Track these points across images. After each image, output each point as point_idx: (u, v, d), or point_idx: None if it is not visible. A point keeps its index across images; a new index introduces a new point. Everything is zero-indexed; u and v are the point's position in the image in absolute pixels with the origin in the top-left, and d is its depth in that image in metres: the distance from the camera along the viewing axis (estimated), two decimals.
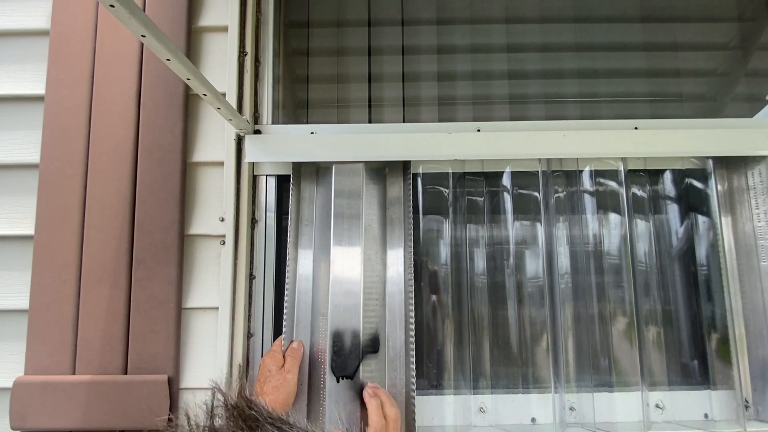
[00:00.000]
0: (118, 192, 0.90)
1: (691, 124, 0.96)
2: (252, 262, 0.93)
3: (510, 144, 0.92)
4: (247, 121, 0.92)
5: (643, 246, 0.98)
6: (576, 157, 0.98)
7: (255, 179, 0.96)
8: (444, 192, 0.99)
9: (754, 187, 0.96)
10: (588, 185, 0.99)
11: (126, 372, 0.85)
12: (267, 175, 0.96)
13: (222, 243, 0.90)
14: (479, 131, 0.94)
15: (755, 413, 0.90)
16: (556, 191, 0.99)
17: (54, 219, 0.89)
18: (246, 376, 0.88)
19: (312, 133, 0.95)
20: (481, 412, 0.90)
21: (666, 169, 1.01)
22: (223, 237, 0.90)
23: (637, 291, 0.94)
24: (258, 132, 0.95)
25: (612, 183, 0.98)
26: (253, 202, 0.95)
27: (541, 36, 1.27)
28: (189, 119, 0.93)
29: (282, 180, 0.97)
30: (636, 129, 0.94)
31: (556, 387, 0.91)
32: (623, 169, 0.97)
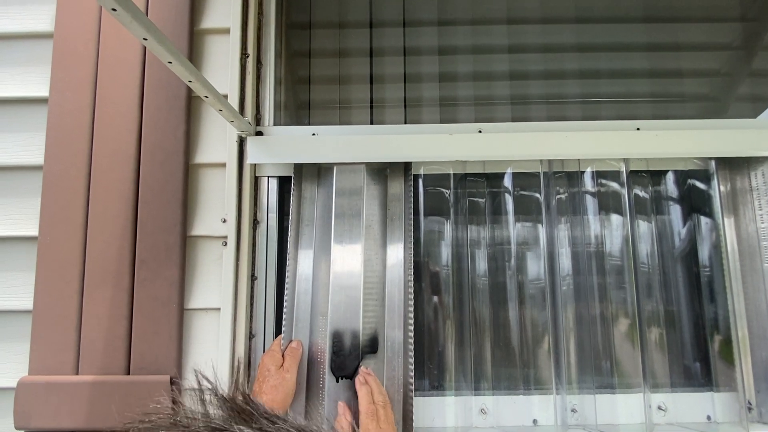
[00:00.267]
0: (120, 193, 0.90)
1: (694, 124, 0.95)
2: (254, 263, 0.93)
3: (511, 145, 0.92)
4: (249, 123, 0.92)
5: (646, 247, 0.98)
6: (577, 158, 0.98)
7: (257, 180, 0.96)
8: (445, 193, 0.99)
9: (757, 188, 0.95)
10: (590, 186, 0.99)
11: (129, 372, 0.86)
12: (269, 177, 0.97)
13: (224, 244, 0.90)
14: (480, 132, 0.94)
15: (758, 415, 0.89)
16: (557, 192, 0.99)
17: (57, 220, 0.90)
18: (248, 376, 0.89)
19: (313, 135, 0.95)
20: (482, 413, 0.90)
21: (668, 170, 1.01)
22: (225, 238, 0.90)
23: (639, 292, 0.94)
24: (260, 133, 0.96)
25: (614, 184, 0.98)
26: (255, 203, 0.95)
27: (543, 36, 1.27)
28: (191, 121, 0.94)
29: (284, 181, 0.97)
30: (638, 130, 0.94)
31: (557, 388, 0.91)
32: (625, 170, 0.97)
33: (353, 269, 0.88)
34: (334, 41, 1.26)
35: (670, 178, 1.02)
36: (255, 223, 0.95)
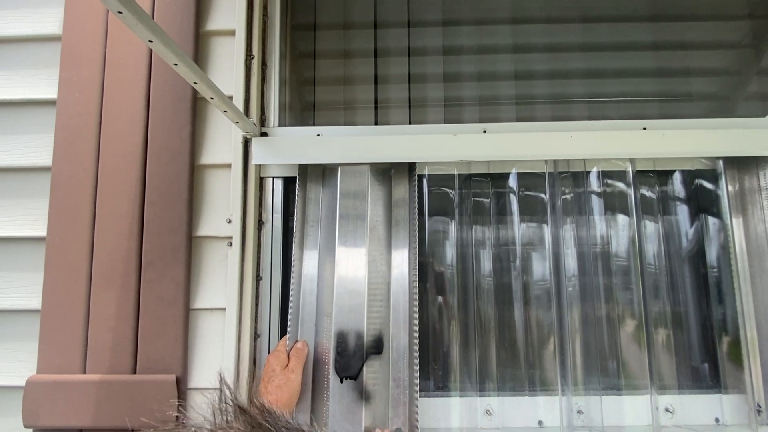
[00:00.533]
0: (127, 194, 0.91)
1: (701, 124, 0.94)
2: (259, 263, 0.94)
3: (516, 145, 0.92)
4: (254, 124, 0.93)
5: (652, 248, 0.97)
6: (583, 158, 0.97)
7: (262, 181, 0.97)
8: (450, 193, 0.99)
9: (766, 188, 0.94)
10: (595, 186, 0.98)
11: (135, 372, 0.87)
12: (273, 177, 0.97)
13: (229, 245, 0.91)
14: (485, 132, 0.94)
15: None
16: (563, 192, 0.98)
17: (65, 221, 0.91)
18: (253, 376, 0.89)
19: (318, 135, 0.95)
20: (488, 414, 0.89)
21: (675, 170, 1.00)
22: (230, 239, 0.91)
23: (646, 293, 0.93)
24: (265, 134, 0.96)
25: (620, 184, 0.97)
26: (260, 203, 0.96)
27: (548, 36, 1.26)
28: (197, 122, 0.95)
29: (288, 182, 0.98)
30: (644, 129, 0.93)
31: (563, 390, 0.90)
32: (631, 170, 0.96)
33: (358, 270, 0.88)
34: (338, 42, 1.26)
35: (677, 178, 1.01)
36: (260, 224, 0.95)
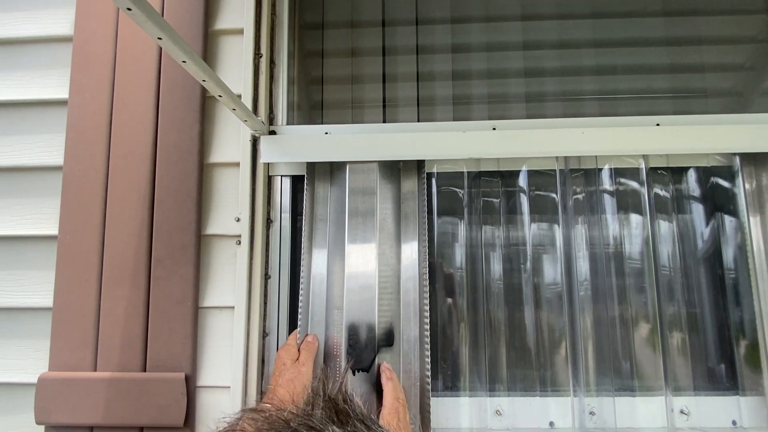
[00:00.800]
0: (137, 193, 0.91)
1: (717, 119, 0.92)
2: (267, 261, 0.94)
3: (526, 142, 0.91)
4: (262, 122, 0.93)
5: (667, 248, 0.95)
6: (595, 155, 0.95)
7: (270, 180, 0.97)
8: (459, 192, 0.98)
9: None
10: (608, 185, 0.96)
11: (145, 369, 0.87)
12: (282, 176, 0.97)
13: (238, 243, 0.91)
14: (495, 129, 0.93)
15: None
16: (574, 192, 0.97)
17: (76, 219, 0.92)
18: (261, 375, 0.89)
19: (326, 134, 0.95)
20: (498, 415, 0.88)
21: (690, 167, 0.98)
22: (239, 237, 0.91)
23: (660, 294, 0.91)
24: (273, 133, 0.96)
25: (633, 182, 0.95)
26: (269, 202, 0.96)
27: (559, 32, 1.24)
28: (206, 121, 0.95)
29: (297, 180, 0.98)
30: (658, 125, 0.91)
31: (575, 390, 0.89)
32: (645, 167, 0.95)
33: (368, 263, 0.88)
34: (346, 41, 1.26)
35: (691, 175, 0.99)
36: (268, 222, 0.95)
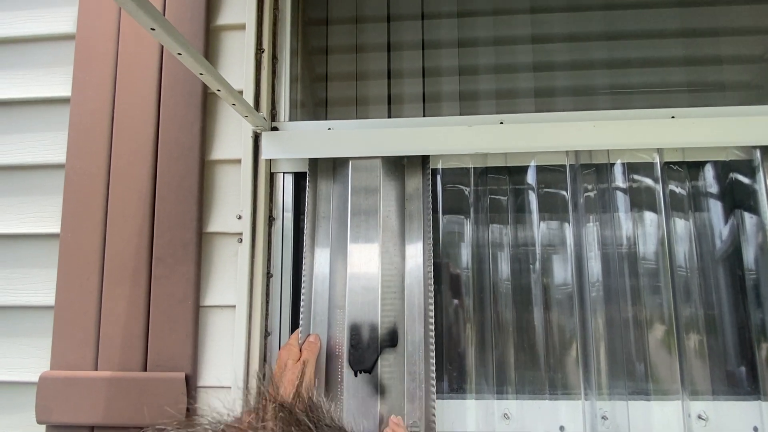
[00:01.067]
0: (138, 190, 0.91)
1: (735, 111, 0.88)
2: (269, 260, 0.92)
3: (535, 136, 0.88)
4: (264, 118, 0.91)
5: (683, 248, 0.91)
6: (607, 149, 0.92)
7: (272, 177, 0.95)
8: (465, 190, 0.95)
9: None
10: (620, 181, 0.93)
11: (146, 369, 0.86)
12: (284, 173, 0.95)
13: (239, 241, 0.89)
14: (502, 123, 0.90)
15: None
16: (585, 189, 0.93)
17: (78, 217, 0.91)
18: (263, 375, 0.87)
19: (329, 129, 0.93)
20: (505, 418, 0.85)
21: (707, 162, 0.94)
22: (241, 235, 0.89)
23: (677, 295, 0.88)
24: (275, 129, 0.95)
25: (647, 179, 0.92)
26: (271, 199, 0.94)
27: (569, 25, 1.21)
28: (207, 118, 0.94)
29: (299, 177, 0.96)
30: (673, 118, 0.88)
31: (586, 394, 0.86)
32: (659, 163, 0.91)
33: (371, 261, 0.86)
34: (351, 36, 1.24)
35: (709, 171, 0.94)
36: (270, 220, 0.93)
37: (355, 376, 0.82)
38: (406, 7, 1.24)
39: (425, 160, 0.92)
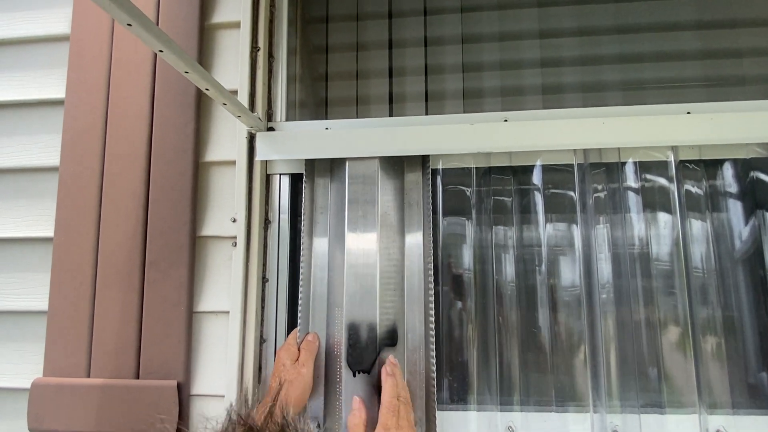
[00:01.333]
0: (132, 193, 0.89)
1: (756, 105, 0.83)
2: (265, 264, 0.89)
3: (541, 134, 0.84)
4: (259, 118, 0.89)
5: (700, 250, 0.86)
6: (617, 147, 0.87)
7: (268, 178, 0.92)
8: (466, 191, 0.91)
9: None
10: (632, 181, 0.88)
11: (138, 376, 0.84)
12: (280, 174, 0.93)
13: (234, 245, 0.87)
14: (506, 121, 0.86)
15: None
16: (595, 189, 0.88)
17: (72, 221, 0.89)
18: (258, 383, 0.84)
19: (326, 129, 0.90)
20: (509, 431, 0.81)
21: (725, 160, 0.88)
22: (235, 238, 0.87)
23: (693, 301, 0.82)
24: (271, 129, 0.92)
25: (661, 178, 0.87)
26: (266, 202, 0.91)
27: (578, 19, 1.16)
28: (201, 119, 0.92)
29: (296, 179, 0.93)
30: (688, 114, 0.83)
31: (596, 406, 0.81)
32: (674, 161, 0.86)
33: (369, 257, 0.83)
34: (352, 34, 1.21)
35: (728, 169, 0.89)
36: (266, 223, 0.91)
37: (354, 376, 0.79)
38: (408, 4, 1.21)
39: (425, 159, 0.88)
